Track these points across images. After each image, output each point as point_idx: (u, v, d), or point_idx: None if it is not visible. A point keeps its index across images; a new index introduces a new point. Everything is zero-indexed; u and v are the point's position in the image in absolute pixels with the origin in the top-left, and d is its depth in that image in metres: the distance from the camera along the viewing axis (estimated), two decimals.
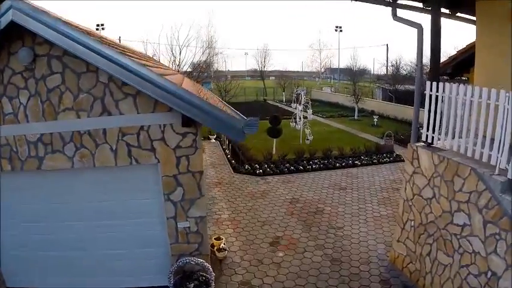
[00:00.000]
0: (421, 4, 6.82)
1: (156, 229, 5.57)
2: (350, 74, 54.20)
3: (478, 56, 6.80)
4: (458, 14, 7.32)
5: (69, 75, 4.79)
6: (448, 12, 7.34)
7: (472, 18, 7.23)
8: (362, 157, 14.36)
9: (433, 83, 5.62)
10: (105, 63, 4.36)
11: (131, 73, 4.37)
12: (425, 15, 6.80)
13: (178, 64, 21.01)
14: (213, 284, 5.65)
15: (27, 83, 4.89)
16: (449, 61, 9.48)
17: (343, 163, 13.58)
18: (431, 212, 5.61)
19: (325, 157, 14.18)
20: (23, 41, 4.79)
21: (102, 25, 50.98)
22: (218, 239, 7.14)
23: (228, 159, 14.43)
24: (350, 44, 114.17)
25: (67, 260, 5.72)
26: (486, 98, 4.57)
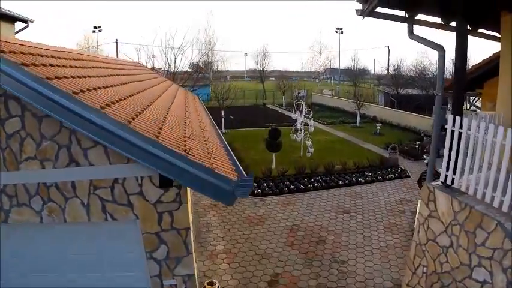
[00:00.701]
0: (440, 20, 6.04)
1: (140, 286, 4.92)
2: (350, 75, 53.70)
3: (504, 73, 5.99)
4: (480, 30, 6.58)
5: (29, 119, 4.10)
6: (469, 28, 6.63)
7: (495, 34, 6.58)
8: (366, 173, 13.75)
9: (457, 118, 4.94)
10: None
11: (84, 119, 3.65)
12: (443, 32, 6.10)
13: (173, 71, 20.35)
14: None
15: None
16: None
17: (346, 180, 12.94)
18: (447, 262, 5.07)
19: (327, 173, 13.54)
20: None
21: (99, 27, 50.33)
22: (211, 284, 6.47)
23: None
24: (351, 46, 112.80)
25: None
26: None
